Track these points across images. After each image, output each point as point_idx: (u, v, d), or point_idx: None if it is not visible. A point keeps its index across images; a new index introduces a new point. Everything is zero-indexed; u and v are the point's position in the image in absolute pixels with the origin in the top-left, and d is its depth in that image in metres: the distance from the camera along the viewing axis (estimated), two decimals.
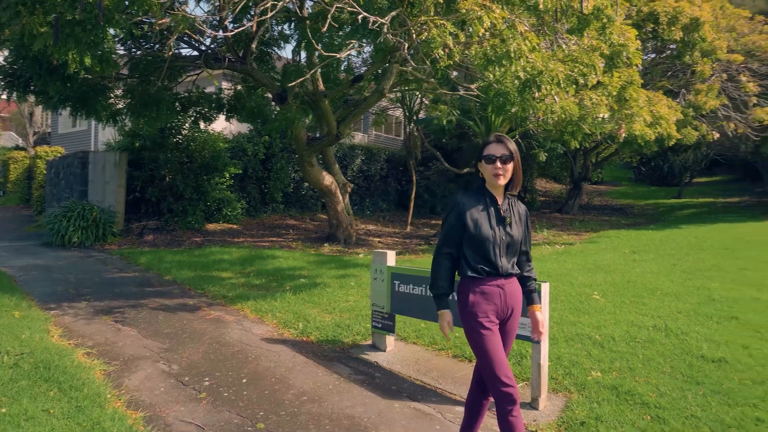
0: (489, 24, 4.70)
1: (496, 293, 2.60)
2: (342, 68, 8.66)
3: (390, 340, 4.66)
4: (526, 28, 5.26)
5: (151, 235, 11.02)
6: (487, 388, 2.62)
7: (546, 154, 15.86)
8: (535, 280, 2.82)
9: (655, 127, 10.33)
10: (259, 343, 4.83)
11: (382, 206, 17.21)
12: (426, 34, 4.74)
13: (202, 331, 5.15)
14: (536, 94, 6.15)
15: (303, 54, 9.74)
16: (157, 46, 8.69)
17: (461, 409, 3.51)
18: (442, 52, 4.96)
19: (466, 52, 5.43)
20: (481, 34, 4.68)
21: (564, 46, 6.78)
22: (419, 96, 14.28)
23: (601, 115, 9.09)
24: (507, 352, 2.70)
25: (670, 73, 14.16)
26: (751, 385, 3.79)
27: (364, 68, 12.11)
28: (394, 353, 4.57)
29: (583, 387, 3.79)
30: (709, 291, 7.01)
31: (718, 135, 13.63)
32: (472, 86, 9.91)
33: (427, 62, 5.73)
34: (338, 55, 5.05)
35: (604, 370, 4.09)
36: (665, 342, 4.69)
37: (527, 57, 5.44)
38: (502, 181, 2.60)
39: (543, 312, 3.55)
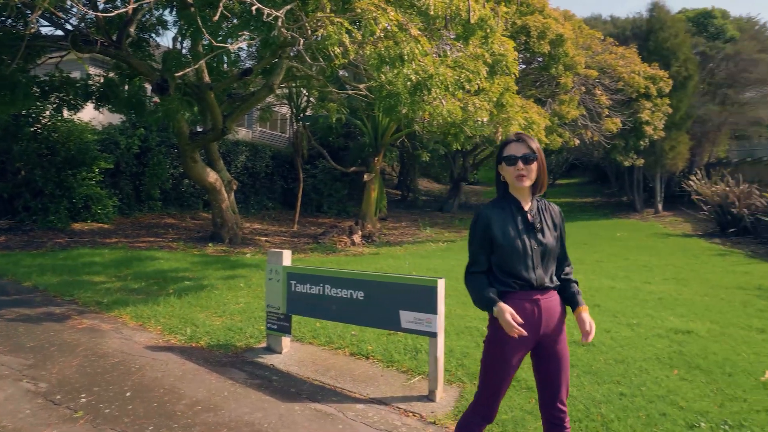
0: (384, 25, 4.78)
1: (530, 310, 2.26)
2: (232, 60, 8.27)
3: (286, 341, 4.56)
4: (418, 33, 5.42)
5: (3, 236, 9.71)
6: (475, 408, 2.39)
7: (429, 155, 16.51)
8: (576, 282, 2.46)
9: (528, 131, 11.19)
10: (142, 351, 4.46)
11: (267, 204, 16.79)
12: (322, 31, 4.69)
13: (74, 342, 4.64)
14: (426, 97, 6.38)
15: (187, 43, 9.17)
16: (11, 20, 7.67)
17: (362, 407, 3.54)
18: (338, 50, 4.95)
19: (361, 51, 5.46)
20: (377, 35, 4.73)
21: (449, 52, 7.11)
22: (306, 93, 14.13)
23: (480, 119, 9.68)
24: (559, 381, 2.32)
25: (538, 84, 15.45)
26: (614, 364, 4.26)
27: (250, 62, 11.71)
28: (291, 355, 4.48)
29: (475, 377, 4.00)
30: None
31: (578, 142, 15.15)
32: (361, 86, 10.03)
33: (321, 59, 5.70)
34: (229, 47, 4.82)
35: None
36: None
37: (419, 60, 5.62)
38: (527, 183, 2.30)
39: (440, 307, 3.69)
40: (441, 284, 3.74)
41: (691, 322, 5.57)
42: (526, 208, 2.34)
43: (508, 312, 2.17)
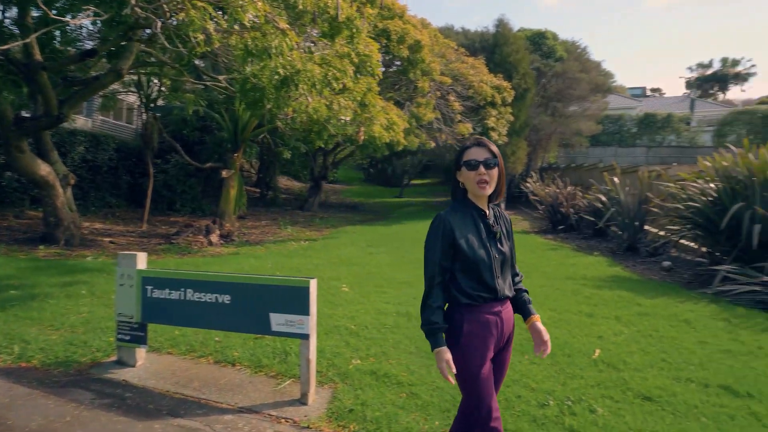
0: (252, 15, 4.57)
1: (494, 321, 2.24)
2: (69, 39, 7.29)
3: (141, 353, 4.14)
4: (287, 26, 5.27)
5: None
6: (467, 419, 2.29)
7: (290, 153, 16.25)
8: (527, 292, 2.48)
9: (390, 132, 11.55)
10: None
11: (111, 202, 15.20)
12: (183, 14, 4.34)
13: None
14: (292, 93, 6.25)
15: (13, 12, 7.87)
16: None
17: (231, 418, 3.34)
18: (201, 37, 4.63)
19: (226, 41, 5.16)
20: (246, 23, 4.50)
21: (315, 49, 7.05)
22: (158, 82, 13.05)
23: (343, 118, 9.76)
24: (499, 386, 2.38)
25: (397, 86, 16.03)
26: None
27: (91, 42, 10.46)
28: (147, 367, 4.08)
29: (346, 376, 4.00)
30: None
31: (434, 144, 16.01)
32: (221, 77, 9.52)
33: (180, 45, 5.28)
34: (71, 21, 4.23)
35: (363, 357, 4.39)
36: (408, 325, 5.30)
37: (287, 55, 5.47)
38: (489, 190, 2.24)
39: (312, 308, 3.62)
40: (313, 285, 3.68)
41: (536, 310, 6.16)
42: (487, 215, 2.28)
43: (444, 360, 2.14)
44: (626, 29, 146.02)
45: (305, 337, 3.61)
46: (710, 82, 56.26)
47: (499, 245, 2.26)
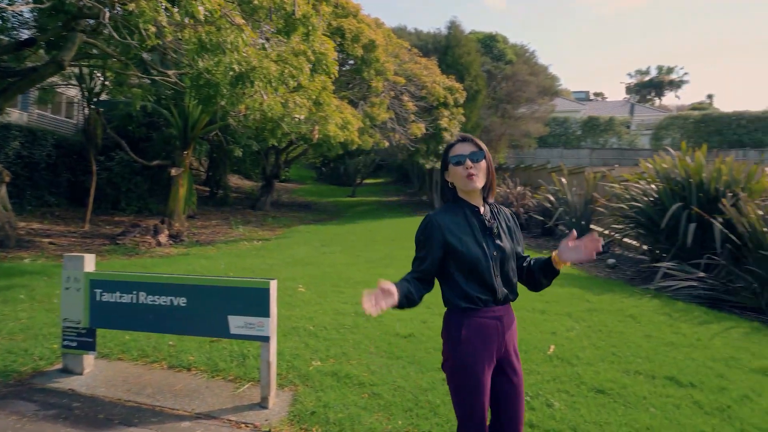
0: (207, 8, 4.43)
1: (494, 326, 2.10)
2: (8, 26, 6.84)
3: (89, 360, 3.94)
4: (243, 21, 5.15)
5: None
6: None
7: (241, 151, 15.91)
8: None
9: (344, 131, 11.49)
10: None
11: (50, 200, 14.41)
12: (134, 5, 4.16)
13: None
14: (247, 90, 6.11)
15: None
16: None
17: (188, 425, 3.23)
18: (152, 29, 4.45)
19: (179, 34, 4.98)
20: (200, 16, 4.36)
21: (271, 46, 6.93)
22: (101, 75, 12.46)
23: (298, 116, 9.63)
24: (520, 409, 2.16)
25: (350, 85, 15.98)
26: (434, 353, 4.59)
27: (28, 32, 9.86)
28: (96, 375, 3.89)
29: (307, 378, 3.95)
30: (389, 276, 8.16)
31: (387, 143, 16.06)
32: (170, 72, 9.20)
33: (128, 37, 5.06)
34: (10, 8, 3.97)
35: (323, 358, 4.35)
36: (367, 325, 5.28)
37: (243, 51, 5.34)
38: (479, 183, 2.12)
39: (272, 310, 3.55)
40: (273, 286, 3.61)
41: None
42: (481, 211, 2.16)
43: (384, 287, 1.89)
44: (570, 35, 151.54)
45: (265, 339, 3.54)
46: (648, 88, 59.16)
47: (498, 242, 2.11)
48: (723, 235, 7.16)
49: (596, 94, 58.64)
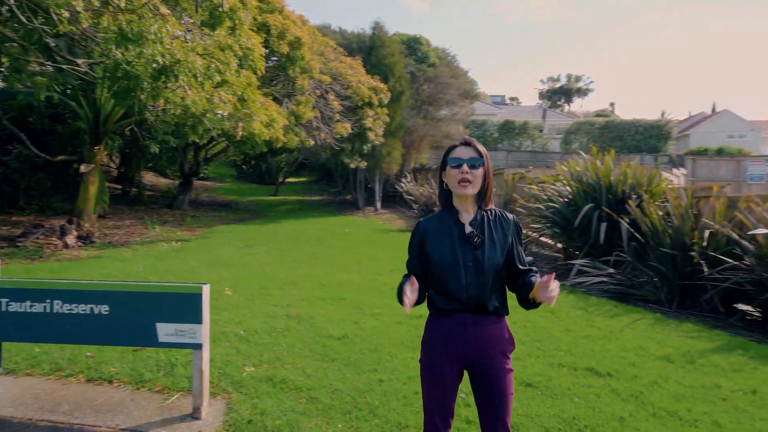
0: None
1: (457, 333, 2.11)
2: None
3: None
4: (168, 12, 4.89)
5: None
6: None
7: (158, 147, 15.10)
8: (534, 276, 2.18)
9: (270, 129, 11.23)
10: None
11: None
12: None
13: None
14: (170, 84, 5.82)
15: None
16: None
17: None
18: (65, 14, 4.11)
19: (96, 21, 4.64)
20: (120, 4, 4.08)
21: (195, 38, 6.63)
22: None
23: (221, 112, 9.29)
24: (496, 414, 2.11)
25: (274, 82, 15.64)
26: (368, 353, 4.60)
27: None
28: (0, 394, 3.53)
29: (240, 385, 3.82)
30: (317, 277, 8.12)
31: (313, 142, 15.89)
32: (80, 60, 8.54)
33: (33, 19, 4.65)
34: None
35: (256, 363, 4.22)
36: (299, 328, 5.20)
37: (167, 43, 5.07)
38: (471, 190, 2.10)
39: (205, 316, 3.40)
40: (206, 291, 3.45)
41: (420, 307, 6.36)
42: (465, 220, 2.15)
43: (407, 285, 1.99)
44: (488, 41, 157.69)
45: (198, 347, 3.38)
46: (558, 94, 62.83)
47: (477, 253, 2.08)
48: (629, 233, 7.75)
49: (512, 99, 61.49)
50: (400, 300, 2.02)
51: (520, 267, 2.18)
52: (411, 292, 1.98)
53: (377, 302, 6.55)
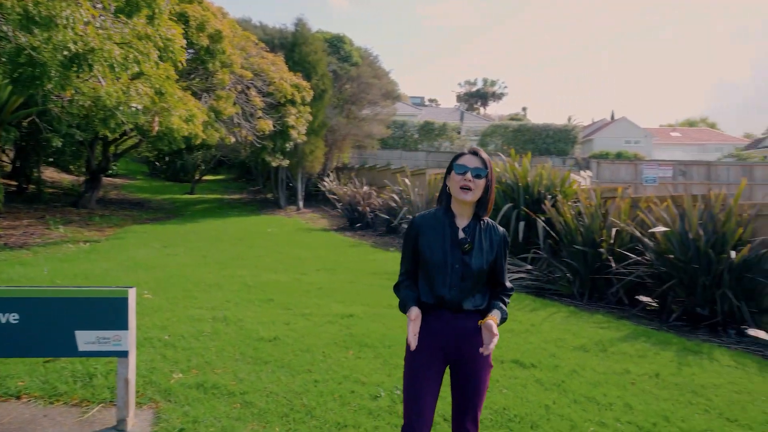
0: None
1: (439, 330, 2.20)
2: None
3: None
4: None
5: None
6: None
7: (61, 141, 13.99)
8: (504, 304, 2.30)
9: (189, 124, 10.76)
10: None
11: None
12: None
13: None
14: (82, 74, 5.43)
15: None
16: None
17: None
18: None
19: None
20: None
21: (107, 25, 6.22)
22: None
23: (135, 105, 8.77)
24: (469, 405, 2.24)
25: (192, 75, 15.00)
26: (302, 354, 4.55)
27: None
28: None
29: (168, 393, 3.64)
30: (242, 278, 7.90)
31: (234, 139, 15.40)
32: None
33: None
34: None
35: (184, 369, 4.04)
36: (228, 331, 5.04)
37: (80, 29, 4.72)
38: (470, 197, 2.20)
39: (131, 321, 3.21)
40: (132, 295, 3.26)
41: (350, 306, 6.41)
42: (459, 224, 2.25)
43: (412, 318, 2.12)
44: (408, 42, 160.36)
45: (123, 354, 3.19)
46: (475, 97, 65.18)
47: (465, 257, 2.20)
48: (545, 232, 8.21)
49: (431, 101, 62.94)
50: (403, 310, 2.22)
51: (499, 280, 2.32)
52: (414, 326, 2.11)
53: (306, 302, 6.48)
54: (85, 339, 3.16)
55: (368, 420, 3.39)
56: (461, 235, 2.23)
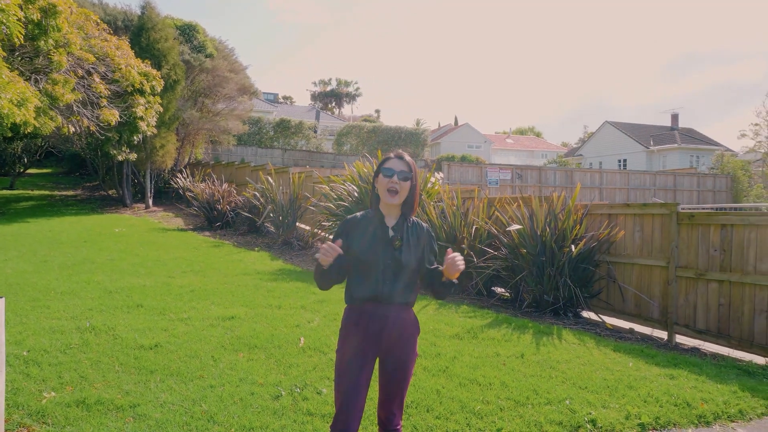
0: None
1: (372, 322, 2.30)
2: None
3: None
4: None
5: None
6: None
7: None
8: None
9: (21, 109, 9.43)
10: None
11: None
12: None
13: None
14: None
15: None
16: None
17: None
18: None
19: None
20: None
21: None
22: None
23: None
24: (395, 393, 2.36)
25: (18, 54, 13.08)
26: (190, 360, 4.34)
27: None
28: None
29: (42, 414, 3.26)
30: (100, 284, 7.21)
31: (73, 129, 13.75)
32: None
33: None
34: None
35: (56, 387, 3.63)
36: (100, 341, 4.60)
37: None
38: (397, 200, 2.35)
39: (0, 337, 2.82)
40: (1, 305, 2.87)
41: (230, 308, 6.21)
42: (389, 223, 2.39)
43: (326, 244, 2.19)
44: (259, 36, 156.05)
45: None
46: (330, 97, 65.78)
47: (396, 253, 2.33)
48: None
49: (285, 98, 62.13)
50: (319, 279, 2.34)
51: (428, 267, 2.47)
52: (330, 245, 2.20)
53: (181, 306, 6.14)
54: None
55: (274, 420, 3.39)
56: (391, 233, 2.37)
